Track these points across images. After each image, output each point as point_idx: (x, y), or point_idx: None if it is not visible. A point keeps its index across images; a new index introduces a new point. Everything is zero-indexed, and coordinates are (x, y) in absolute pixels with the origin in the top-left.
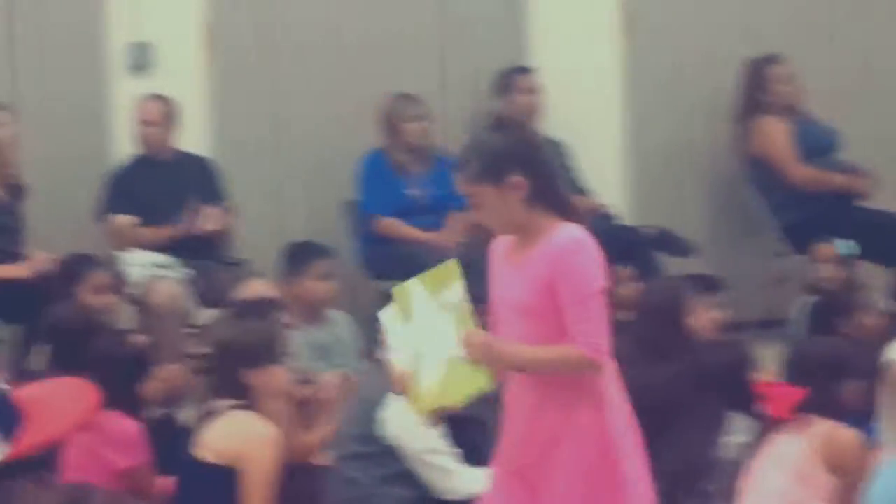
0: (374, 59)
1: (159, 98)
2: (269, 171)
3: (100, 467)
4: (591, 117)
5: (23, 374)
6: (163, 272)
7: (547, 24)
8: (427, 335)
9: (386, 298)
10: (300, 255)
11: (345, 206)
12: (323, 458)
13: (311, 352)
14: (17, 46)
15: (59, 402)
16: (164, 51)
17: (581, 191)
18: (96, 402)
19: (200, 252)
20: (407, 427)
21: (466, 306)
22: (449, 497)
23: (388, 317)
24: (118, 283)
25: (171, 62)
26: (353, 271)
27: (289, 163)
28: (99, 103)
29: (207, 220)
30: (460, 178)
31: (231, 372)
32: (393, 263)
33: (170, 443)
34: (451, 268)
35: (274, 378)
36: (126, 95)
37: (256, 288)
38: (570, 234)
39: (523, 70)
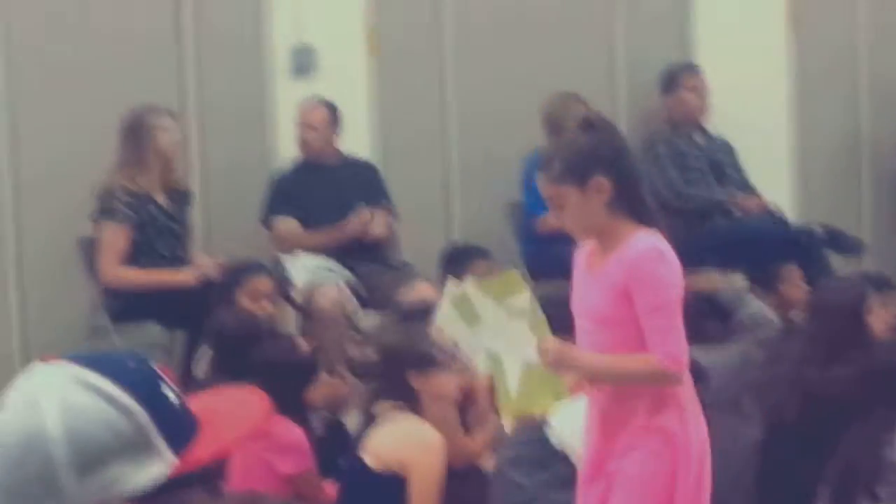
0: (539, 58)
1: (322, 102)
2: (432, 174)
3: (266, 474)
4: (757, 115)
5: (188, 381)
6: (327, 276)
7: (713, 20)
8: (499, 339)
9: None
10: (460, 257)
11: (509, 207)
12: (487, 463)
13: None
14: (181, 52)
15: (231, 411)
16: (327, 54)
17: (748, 189)
18: (268, 411)
19: (365, 255)
20: (574, 431)
21: (540, 314)
22: None
23: (443, 318)
24: (281, 288)
25: (333, 65)
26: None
27: (452, 165)
28: (262, 107)
29: (371, 223)
30: (543, 178)
31: (397, 377)
32: (555, 264)
33: (335, 449)
34: (515, 276)
35: (439, 382)
36: (289, 99)
37: (421, 291)
38: (648, 242)
39: (690, 68)
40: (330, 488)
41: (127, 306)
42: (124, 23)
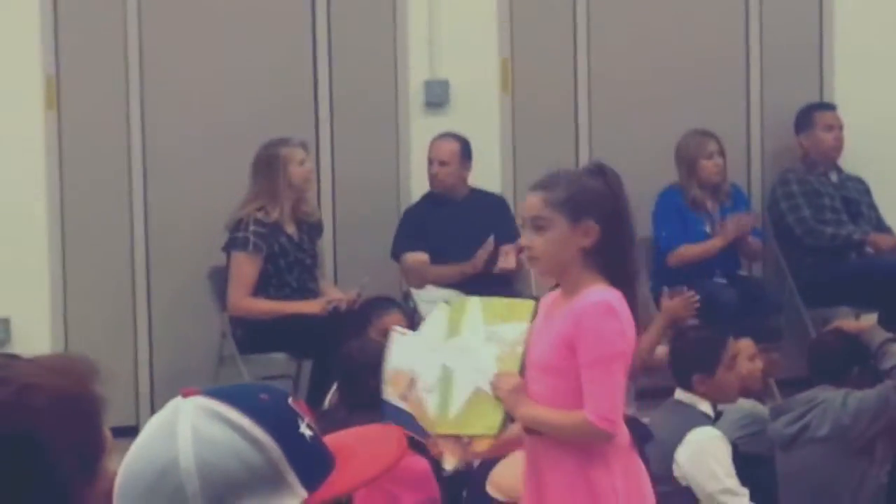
0: (674, 94)
1: (452, 137)
2: None
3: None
4: (891, 153)
5: (314, 412)
6: None
7: (849, 59)
8: (463, 358)
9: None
10: None
11: (640, 242)
12: None
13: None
14: (315, 84)
15: (368, 448)
16: (460, 88)
17: (882, 227)
18: (405, 450)
19: (494, 289)
20: (702, 467)
21: (521, 349)
22: None
23: (432, 321)
24: (411, 322)
25: (466, 99)
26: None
27: None
28: (394, 140)
29: (501, 257)
30: (538, 195)
31: None
32: None
33: (460, 481)
34: (526, 306)
35: None
36: (421, 132)
37: None
38: (600, 295)
39: (825, 106)
40: None
41: (255, 336)
42: (260, 56)
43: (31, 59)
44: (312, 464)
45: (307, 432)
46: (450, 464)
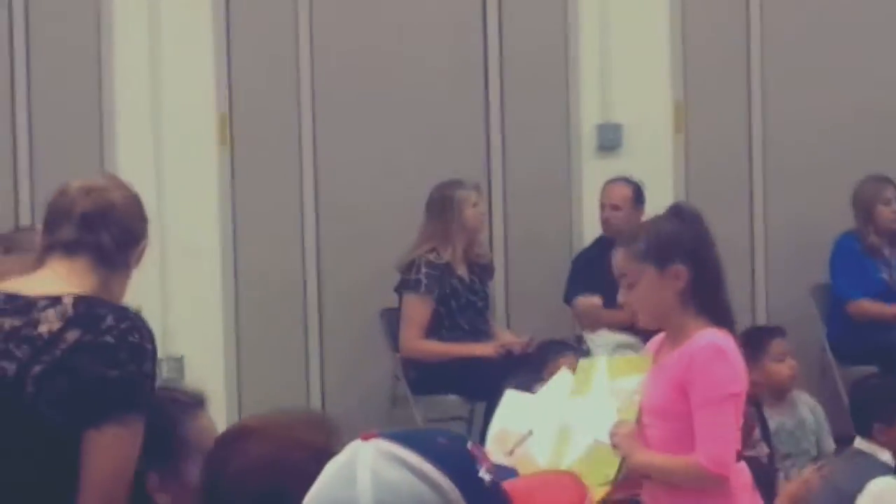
0: (851, 141)
1: (625, 181)
2: (738, 252)
3: None
4: None
5: None
6: (628, 353)
7: None
8: (584, 414)
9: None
10: (757, 337)
11: (817, 289)
12: None
13: (776, 436)
14: (487, 126)
15: (547, 496)
16: (633, 131)
17: None
18: (586, 499)
19: None
20: None
21: (637, 398)
22: None
23: (556, 381)
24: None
25: (639, 142)
26: (822, 356)
27: (758, 243)
28: (567, 183)
29: None
30: (623, 252)
31: None
32: (863, 348)
33: None
34: (647, 360)
35: None
36: (594, 175)
37: None
38: (710, 338)
39: None
40: None
41: (427, 378)
42: (431, 96)
43: (205, 97)
44: None
45: (486, 477)
46: None
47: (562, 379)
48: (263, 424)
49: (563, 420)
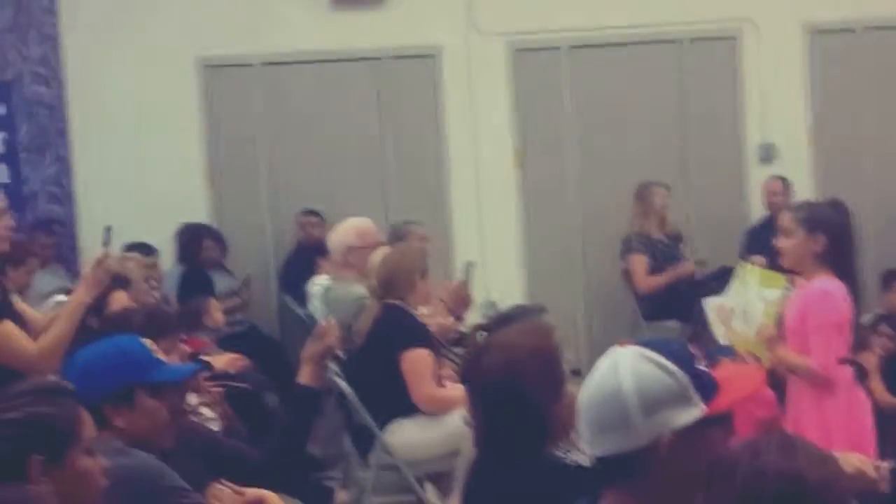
0: None
1: (780, 178)
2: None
3: (746, 418)
4: None
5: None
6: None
7: None
8: (744, 305)
9: None
10: (890, 277)
11: None
12: None
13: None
14: (682, 133)
15: (740, 379)
16: (783, 147)
17: None
18: (762, 382)
19: None
20: None
21: (774, 309)
22: None
23: (733, 290)
24: None
25: (787, 156)
26: None
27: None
28: (739, 185)
29: None
30: (789, 214)
31: None
32: None
33: None
34: (781, 278)
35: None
36: (758, 179)
37: None
38: (823, 284)
39: None
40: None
41: (655, 308)
42: (633, 110)
43: (503, 132)
44: (706, 389)
45: (702, 367)
46: None
47: (734, 287)
48: (492, 341)
49: (750, 304)
